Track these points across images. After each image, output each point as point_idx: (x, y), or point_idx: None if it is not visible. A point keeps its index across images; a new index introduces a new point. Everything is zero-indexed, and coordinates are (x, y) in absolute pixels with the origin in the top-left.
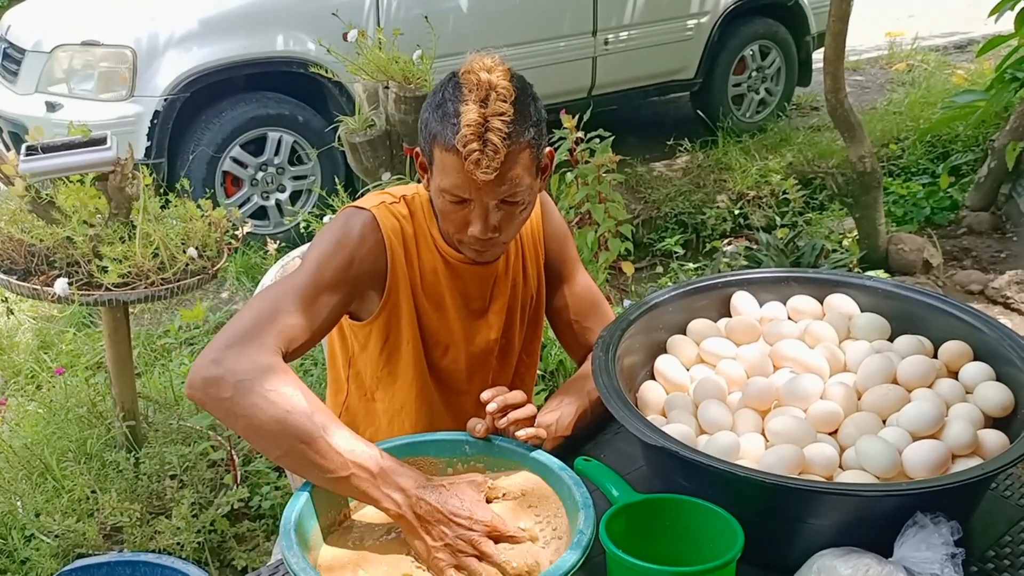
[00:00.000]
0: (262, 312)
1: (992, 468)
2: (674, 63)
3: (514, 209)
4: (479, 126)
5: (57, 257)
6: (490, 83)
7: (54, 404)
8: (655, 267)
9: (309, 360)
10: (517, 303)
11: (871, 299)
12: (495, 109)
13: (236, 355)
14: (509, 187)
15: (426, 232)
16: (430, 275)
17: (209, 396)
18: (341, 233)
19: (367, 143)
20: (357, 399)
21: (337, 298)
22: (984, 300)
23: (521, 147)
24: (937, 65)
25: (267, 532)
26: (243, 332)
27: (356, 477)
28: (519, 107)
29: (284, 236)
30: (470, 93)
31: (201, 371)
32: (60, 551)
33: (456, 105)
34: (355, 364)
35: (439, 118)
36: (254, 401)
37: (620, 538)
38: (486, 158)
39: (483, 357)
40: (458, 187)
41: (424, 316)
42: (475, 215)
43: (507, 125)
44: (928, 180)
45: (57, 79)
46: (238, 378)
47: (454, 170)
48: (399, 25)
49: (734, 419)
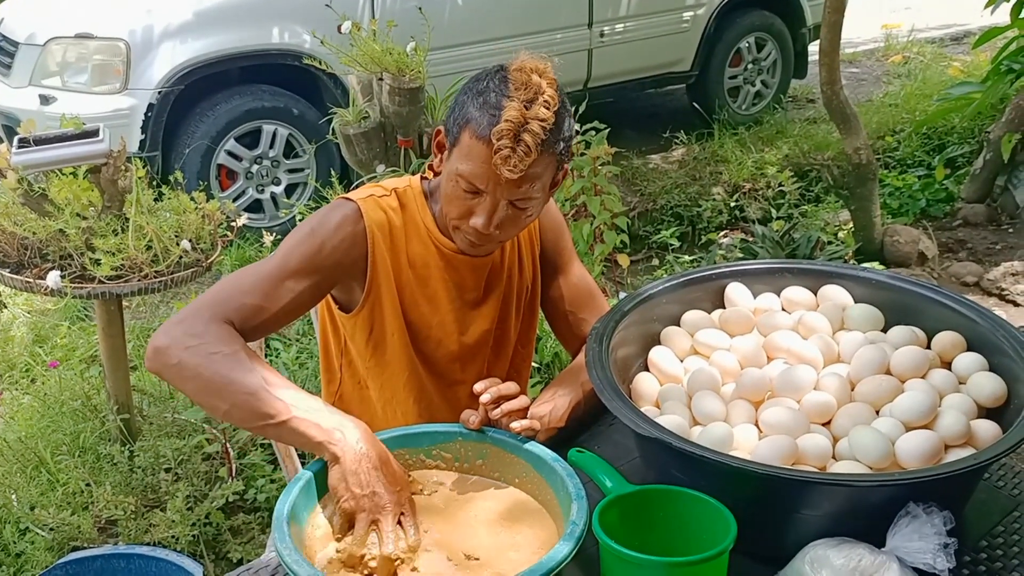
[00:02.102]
0: (221, 293)
1: (985, 458)
2: (670, 55)
3: (521, 214)
4: (518, 124)
5: (50, 250)
6: (539, 87)
7: (48, 398)
8: (651, 260)
9: (305, 353)
10: (512, 294)
11: (865, 290)
12: (537, 113)
13: (186, 326)
14: (526, 190)
15: (418, 223)
16: (421, 267)
17: (160, 363)
18: (317, 222)
19: (361, 135)
20: (351, 387)
21: (305, 284)
22: (980, 292)
23: (549, 157)
24: (933, 57)
25: (262, 525)
26: (197, 308)
27: (296, 419)
28: (559, 119)
29: (280, 229)
30: (517, 91)
31: (154, 342)
32: (55, 544)
33: (500, 98)
34: (347, 353)
35: (479, 105)
36: (199, 361)
37: (613, 529)
38: (516, 156)
39: (477, 348)
40: (476, 176)
41: (413, 308)
42: (482, 208)
43: (545, 132)
44: (924, 172)
45: (51, 72)
46: (185, 344)
47: (479, 159)
48: (393, 17)
49: (728, 410)
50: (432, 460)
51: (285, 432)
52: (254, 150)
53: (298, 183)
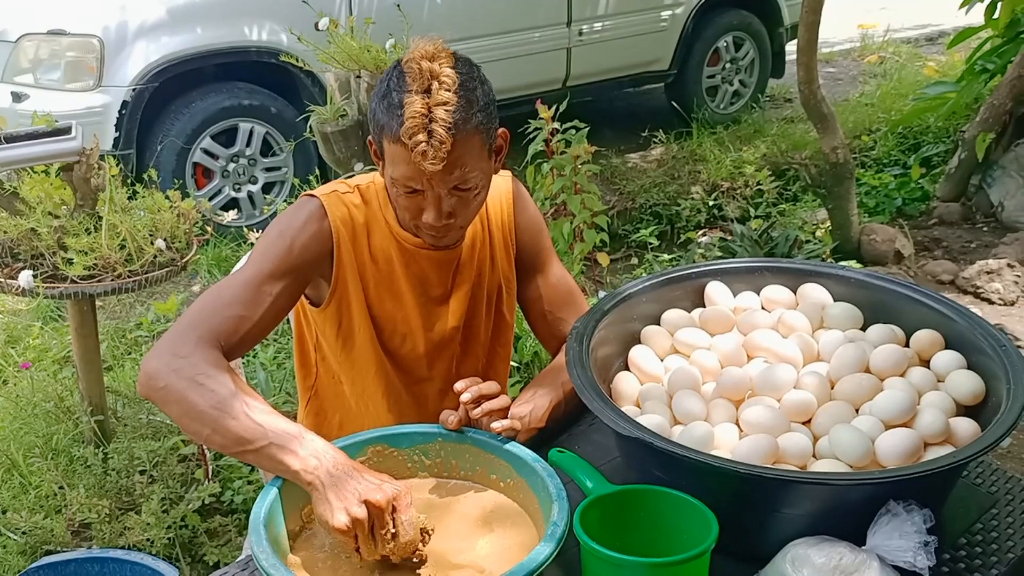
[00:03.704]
0: (204, 308)
1: (963, 456)
2: (648, 54)
3: (468, 195)
4: (423, 117)
5: (21, 249)
6: (432, 72)
7: (20, 399)
8: (630, 258)
9: (283, 353)
10: (483, 291)
11: (844, 289)
12: (438, 99)
13: (174, 349)
14: (460, 175)
15: (380, 219)
16: (384, 263)
17: (149, 388)
18: (285, 223)
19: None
20: (326, 382)
21: (281, 286)
22: (955, 290)
23: (469, 134)
24: (908, 57)
25: (239, 527)
26: (183, 328)
27: (273, 446)
28: (464, 94)
29: (257, 228)
30: (413, 83)
31: (144, 367)
32: (27, 548)
33: (400, 95)
34: (321, 348)
35: (385, 108)
36: (184, 386)
37: (594, 530)
38: (432, 149)
39: (444, 344)
40: (409, 178)
41: (378, 304)
42: (428, 203)
43: (451, 115)
44: (900, 171)
45: (23, 69)
46: (171, 367)
47: (403, 161)
48: (371, 14)
49: (708, 409)
50: (411, 463)
51: (263, 459)
52: (230, 148)
53: (275, 181)
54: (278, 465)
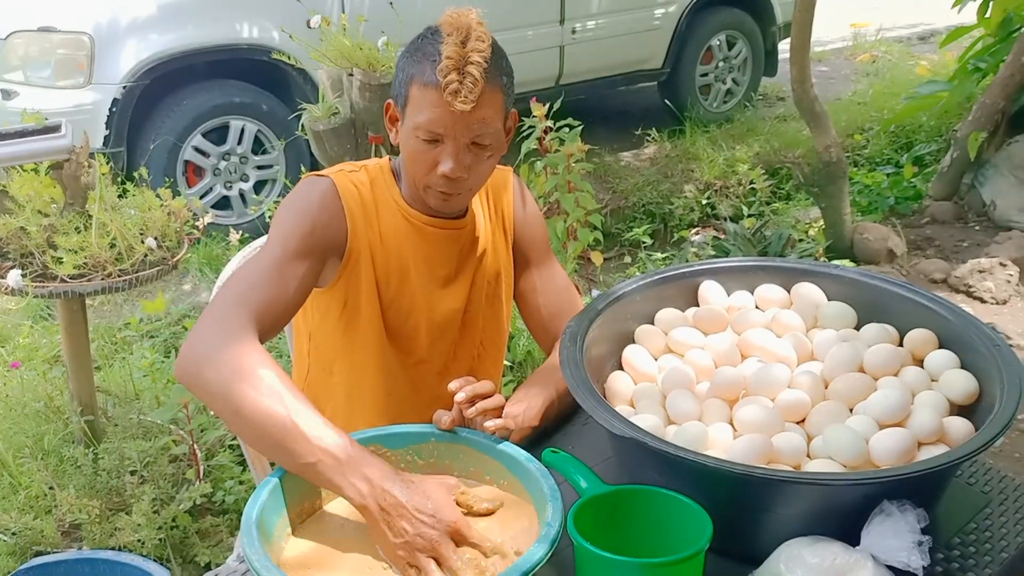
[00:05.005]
0: (237, 292)
1: (957, 456)
2: (642, 52)
3: (483, 152)
4: (460, 59)
5: (10, 248)
6: (469, 25)
7: (10, 399)
8: (623, 257)
9: (274, 352)
10: (484, 278)
11: (838, 288)
12: (475, 47)
13: (214, 339)
14: (481, 125)
15: (388, 197)
16: (392, 240)
17: (191, 378)
18: (302, 203)
19: (331, 131)
20: (317, 373)
21: (305, 266)
22: (947, 288)
23: (496, 88)
24: (901, 56)
25: (231, 527)
26: (220, 315)
27: (322, 464)
28: (497, 50)
29: (248, 226)
30: (450, 35)
31: (185, 355)
32: (17, 549)
33: (436, 45)
34: (315, 337)
35: (418, 59)
36: (231, 384)
37: (588, 530)
38: (465, 88)
39: (445, 326)
40: (433, 122)
41: (384, 281)
42: (446, 153)
43: (486, 61)
44: (892, 170)
45: (12, 66)
46: (215, 362)
47: (431, 104)
48: (364, 12)
49: (702, 409)
50: (404, 464)
51: (309, 474)
52: (222, 146)
53: (267, 179)
54: (326, 483)
